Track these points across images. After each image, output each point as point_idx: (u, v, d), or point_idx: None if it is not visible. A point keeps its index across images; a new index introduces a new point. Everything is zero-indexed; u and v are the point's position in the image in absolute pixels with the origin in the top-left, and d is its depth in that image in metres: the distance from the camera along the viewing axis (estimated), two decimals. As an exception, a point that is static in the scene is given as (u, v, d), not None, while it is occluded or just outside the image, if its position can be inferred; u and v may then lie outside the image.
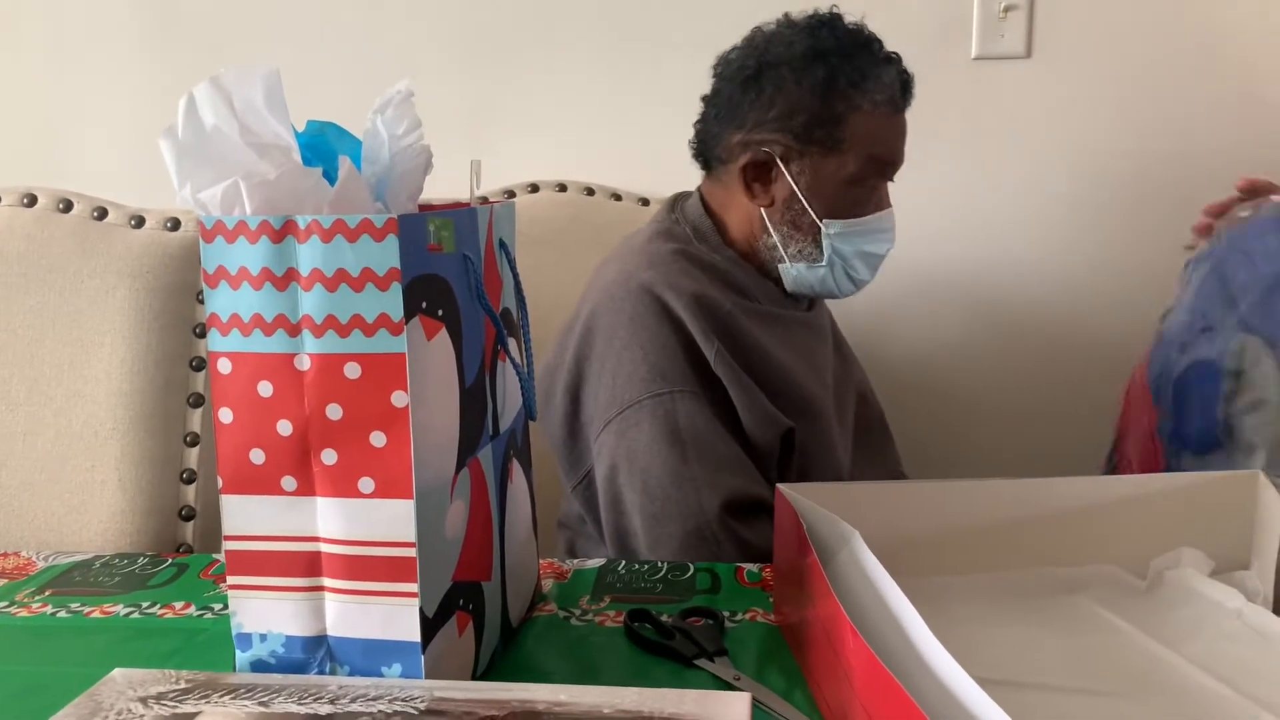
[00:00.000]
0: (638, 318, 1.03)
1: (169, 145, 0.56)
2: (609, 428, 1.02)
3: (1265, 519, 0.80)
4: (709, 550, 0.98)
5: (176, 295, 1.11)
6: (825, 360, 1.19)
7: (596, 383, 1.05)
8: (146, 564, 0.92)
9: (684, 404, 1.00)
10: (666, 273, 1.06)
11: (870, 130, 1.09)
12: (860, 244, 1.11)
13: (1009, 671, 0.67)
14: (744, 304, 1.08)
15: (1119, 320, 1.57)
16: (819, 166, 1.09)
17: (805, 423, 1.07)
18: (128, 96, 1.59)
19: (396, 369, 0.56)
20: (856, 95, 1.07)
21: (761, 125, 1.09)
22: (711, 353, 1.01)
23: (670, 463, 0.99)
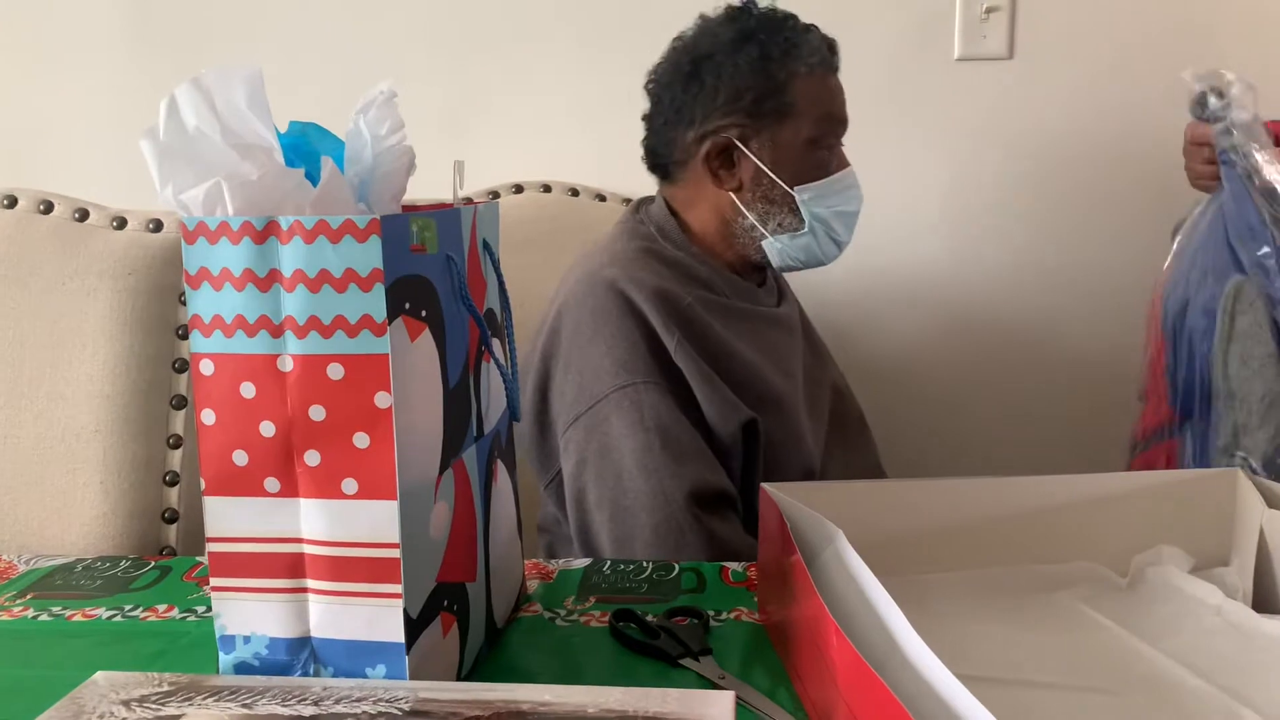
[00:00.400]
0: (601, 312, 1.04)
1: (150, 146, 0.56)
2: (577, 423, 1.04)
3: (1244, 516, 0.81)
4: (674, 541, 0.99)
5: (159, 297, 1.10)
6: (793, 355, 1.20)
7: (563, 380, 1.06)
8: (129, 567, 0.91)
9: (649, 395, 1.01)
10: (629, 268, 1.07)
11: (814, 91, 1.13)
12: (835, 204, 1.14)
13: (992, 669, 0.68)
14: (707, 297, 1.10)
15: (1100, 318, 1.58)
16: (777, 137, 1.12)
17: (769, 414, 1.08)
18: (109, 97, 1.58)
19: (380, 370, 0.56)
20: (792, 61, 1.12)
21: (711, 114, 1.12)
22: (672, 343, 1.03)
23: (637, 453, 1.00)
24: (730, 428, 1.04)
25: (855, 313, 1.55)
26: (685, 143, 1.15)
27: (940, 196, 1.56)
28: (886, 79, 1.47)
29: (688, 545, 0.99)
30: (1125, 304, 1.56)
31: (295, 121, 0.63)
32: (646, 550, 0.99)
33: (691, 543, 0.99)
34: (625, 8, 1.52)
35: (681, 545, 0.98)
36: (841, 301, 1.52)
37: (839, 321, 1.37)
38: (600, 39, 1.53)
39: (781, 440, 1.10)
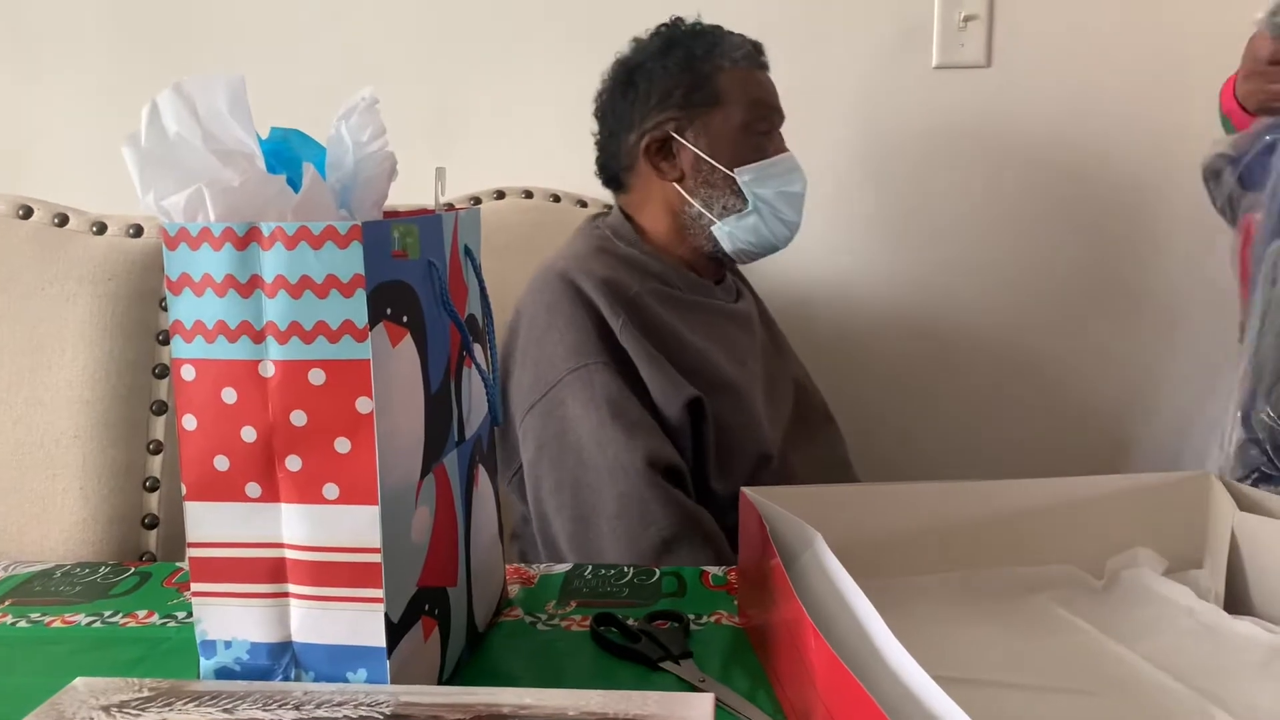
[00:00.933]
0: (554, 303, 1.08)
1: (132, 152, 0.56)
2: (534, 410, 1.06)
3: (1216, 519, 0.82)
4: (639, 511, 1.01)
5: (139, 302, 1.10)
6: (747, 348, 1.22)
7: (521, 372, 1.09)
8: (108, 573, 0.91)
9: (599, 374, 1.05)
10: (581, 261, 1.13)
11: (739, 81, 1.20)
12: (776, 185, 1.19)
13: (969, 670, 0.68)
14: (658, 289, 1.14)
15: (1076, 323, 1.59)
16: (709, 124, 1.19)
17: (720, 398, 1.10)
18: (89, 103, 1.57)
19: (361, 375, 0.56)
20: (716, 57, 1.20)
21: (648, 115, 1.20)
22: (618, 325, 1.07)
23: (593, 429, 1.03)
24: (675, 407, 1.06)
25: (831, 315, 1.56)
26: (628, 147, 1.23)
27: (917, 203, 1.57)
28: (865, 86, 1.48)
29: (651, 513, 1.01)
30: (1101, 308, 1.58)
31: (277, 128, 0.63)
32: (610, 524, 1.01)
33: (655, 510, 1.01)
34: (607, 14, 1.53)
35: (646, 514, 1.01)
36: (817, 305, 1.53)
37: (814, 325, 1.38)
38: (583, 45, 1.54)
39: (735, 424, 1.12)
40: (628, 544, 1.01)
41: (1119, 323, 1.59)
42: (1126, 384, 1.60)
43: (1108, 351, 1.60)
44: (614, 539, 1.01)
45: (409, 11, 1.54)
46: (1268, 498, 0.79)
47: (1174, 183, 1.53)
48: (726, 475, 1.11)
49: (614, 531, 1.01)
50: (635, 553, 1.00)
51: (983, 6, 1.50)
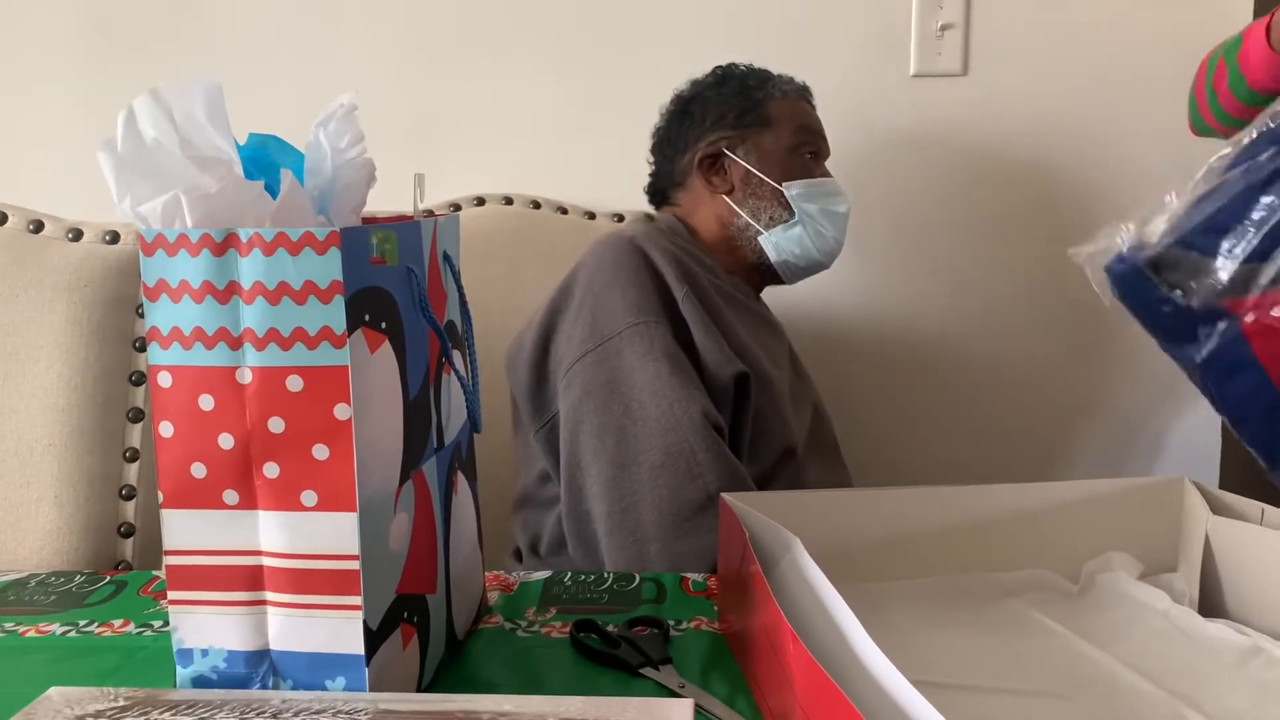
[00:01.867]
0: (619, 261, 1.11)
1: (108, 158, 0.56)
2: (586, 358, 1.07)
3: (1190, 523, 0.83)
4: (685, 465, 1.00)
5: (115, 309, 1.09)
6: (780, 357, 1.26)
7: (573, 324, 1.10)
8: (84, 582, 0.90)
9: (659, 332, 1.07)
10: (649, 235, 1.16)
11: (789, 108, 1.28)
12: (822, 203, 1.26)
13: (947, 674, 0.69)
14: (711, 279, 1.18)
15: (1057, 332, 1.60)
16: (760, 143, 1.26)
17: (758, 385, 1.12)
18: (65, 109, 1.56)
19: (339, 382, 0.56)
20: (767, 86, 1.28)
21: (702, 136, 1.28)
22: (680, 294, 1.10)
23: (649, 380, 1.04)
24: (725, 377, 1.08)
25: (807, 321, 1.56)
26: (681, 165, 1.30)
27: (894, 209, 1.58)
28: (843, 94, 1.49)
29: (700, 465, 1.00)
30: (1078, 314, 1.59)
31: (254, 134, 0.63)
32: (653, 473, 1.01)
33: (705, 463, 1.00)
34: (589, 21, 1.53)
35: (694, 466, 1.00)
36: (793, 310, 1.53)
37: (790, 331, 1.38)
38: (564, 52, 1.54)
39: (767, 412, 1.14)
40: (670, 494, 1.00)
41: (1096, 328, 1.60)
42: (1104, 389, 1.61)
43: (1084, 357, 1.61)
44: (654, 488, 1.00)
45: (389, 18, 1.54)
46: (1241, 502, 0.80)
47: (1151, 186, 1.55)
48: (754, 460, 1.12)
49: (655, 480, 1.00)
50: (676, 504, 1.00)
51: (959, 15, 1.51)
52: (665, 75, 1.32)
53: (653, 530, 0.99)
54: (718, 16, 1.52)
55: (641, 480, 1.01)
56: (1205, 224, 0.86)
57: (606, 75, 1.54)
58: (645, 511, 1.00)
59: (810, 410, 1.29)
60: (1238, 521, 0.79)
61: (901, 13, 1.52)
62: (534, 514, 1.18)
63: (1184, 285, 0.86)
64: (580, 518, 1.05)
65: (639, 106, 1.34)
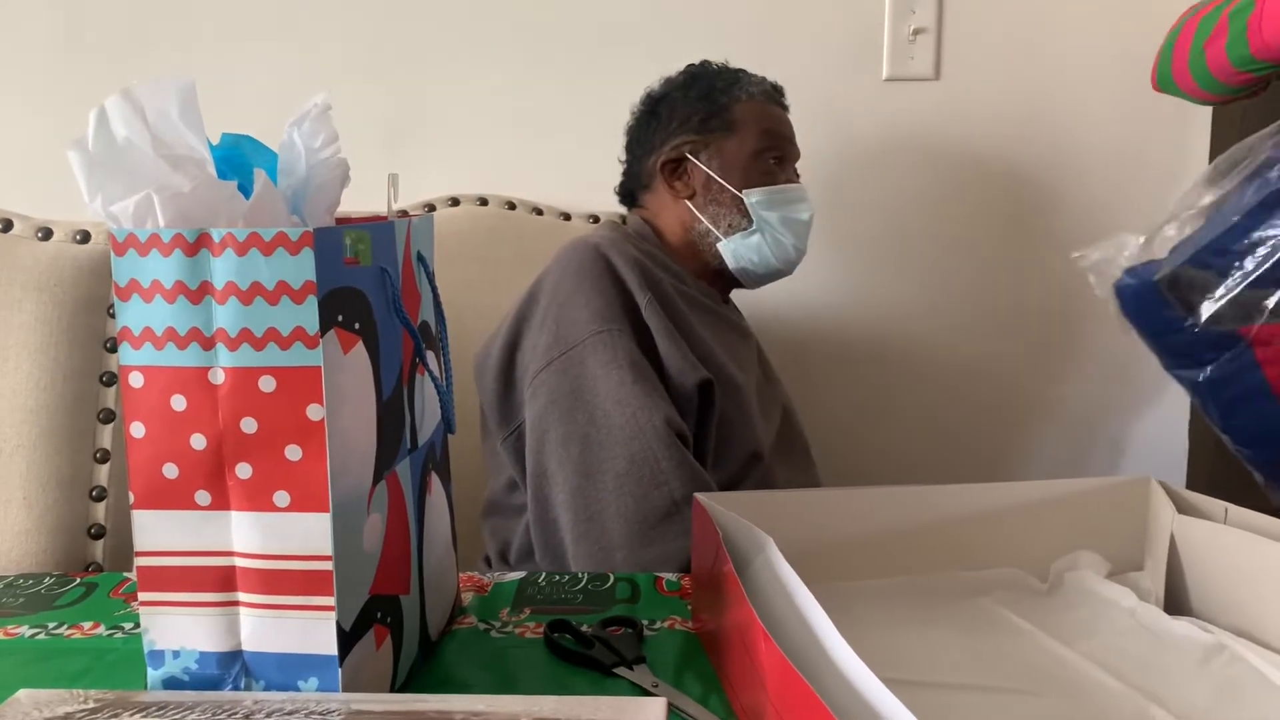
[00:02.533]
0: (584, 270, 1.11)
1: (79, 157, 0.56)
2: (550, 367, 1.07)
3: (1156, 522, 0.84)
4: (650, 472, 1.01)
5: (86, 309, 1.09)
6: (746, 360, 1.26)
7: (538, 333, 1.10)
8: (53, 584, 0.90)
9: (622, 340, 1.07)
10: (614, 241, 1.17)
11: (755, 112, 1.26)
12: (782, 210, 1.25)
13: (917, 672, 0.70)
14: (677, 285, 1.18)
15: (1027, 334, 1.62)
16: (723, 148, 1.25)
17: (723, 390, 1.13)
18: (35, 107, 1.54)
19: (312, 382, 0.56)
20: (734, 89, 1.27)
21: (667, 138, 1.28)
22: (644, 301, 1.10)
23: (612, 389, 1.04)
24: (689, 384, 1.09)
25: (778, 323, 1.57)
26: (647, 167, 1.30)
27: (867, 212, 1.59)
28: (817, 98, 1.50)
29: (664, 473, 1.01)
30: (1048, 315, 1.61)
31: (228, 134, 0.62)
32: (618, 481, 1.01)
33: (668, 470, 1.01)
34: (564, 21, 1.53)
35: (658, 473, 1.01)
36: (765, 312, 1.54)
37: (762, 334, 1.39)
38: (539, 52, 1.54)
39: (733, 416, 1.15)
40: (635, 503, 1.00)
41: (1068, 329, 1.62)
42: (1074, 390, 1.63)
43: (1054, 358, 1.63)
44: (619, 496, 1.01)
45: (364, 17, 1.53)
46: (1206, 501, 0.82)
47: (1120, 191, 1.57)
48: (720, 465, 1.13)
49: (620, 489, 1.01)
50: (641, 512, 1.00)
51: (932, 20, 1.53)
52: (640, 76, 1.32)
53: (618, 538, 1.00)
54: (692, 18, 1.52)
55: (607, 488, 1.01)
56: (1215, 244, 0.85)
57: (582, 75, 1.54)
58: (611, 520, 1.00)
59: (779, 413, 1.30)
60: (1203, 521, 0.81)
61: (874, 17, 1.53)
62: (502, 521, 1.18)
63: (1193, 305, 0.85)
64: (547, 526, 1.06)
65: (614, 107, 1.34)
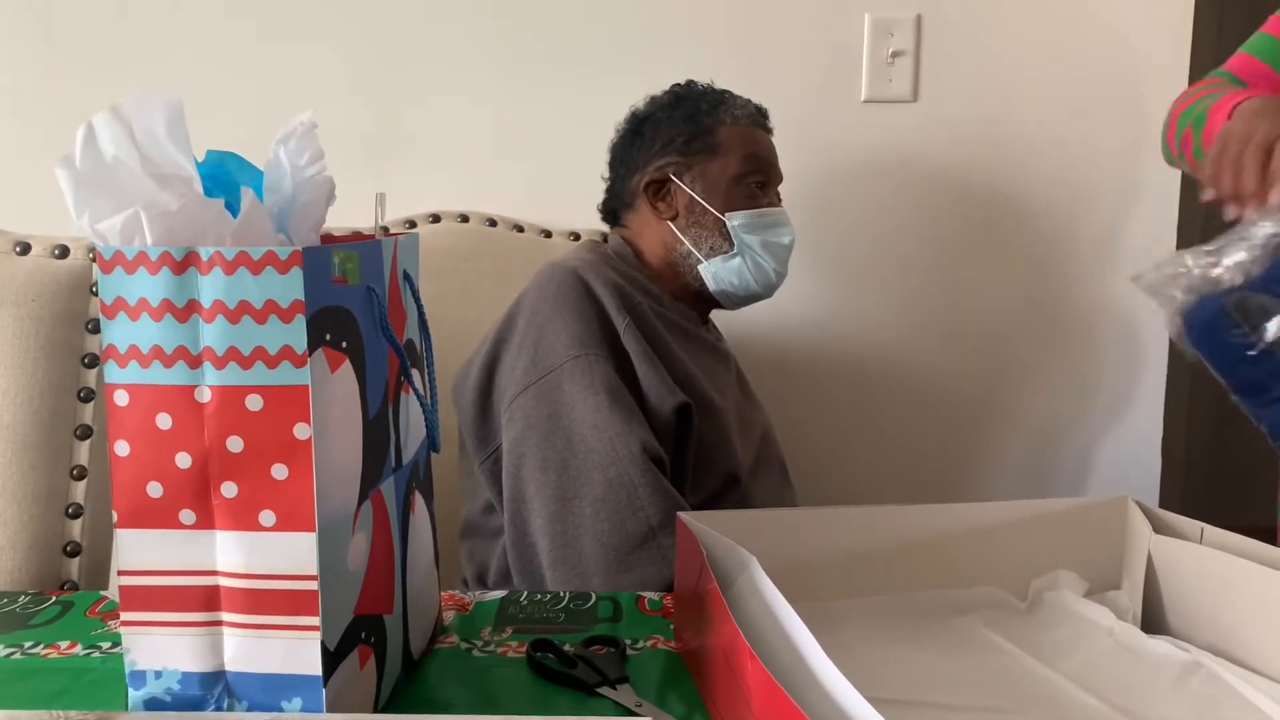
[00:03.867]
0: (562, 294, 1.11)
1: (66, 175, 0.55)
2: (527, 391, 1.07)
3: (1134, 542, 0.85)
4: (627, 498, 1.01)
5: (64, 324, 1.08)
6: (726, 383, 1.26)
7: (515, 356, 1.11)
8: (28, 602, 0.89)
9: (600, 365, 1.07)
10: (591, 265, 1.17)
11: (739, 135, 1.27)
12: (763, 234, 1.25)
13: (900, 691, 0.70)
14: (655, 308, 1.18)
15: (1007, 353, 1.63)
16: (706, 170, 1.26)
17: (701, 413, 1.13)
18: (13, 122, 1.53)
19: (299, 401, 0.56)
20: (719, 112, 1.27)
21: (651, 159, 1.28)
22: (622, 325, 1.10)
23: (589, 414, 1.04)
24: (666, 409, 1.09)
25: (759, 343, 1.58)
26: (631, 187, 1.30)
27: (846, 232, 1.60)
28: (795, 120, 1.51)
29: (640, 499, 1.01)
30: (1026, 332, 1.63)
31: (213, 151, 0.62)
32: (595, 507, 1.01)
33: (645, 496, 1.01)
34: (545, 40, 1.54)
35: (635, 499, 1.01)
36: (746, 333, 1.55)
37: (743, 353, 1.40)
38: (521, 69, 1.55)
39: (711, 440, 1.15)
40: (611, 528, 1.00)
41: (1043, 346, 1.63)
42: (1053, 410, 1.65)
43: (1032, 374, 1.65)
44: (596, 522, 1.01)
45: (346, 34, 1.53)
46: (1182, 521, 0.83)
47: (1091, 209, 1.59)
48: (698, 488, 1.13)
49: (597, 515, 1.01)
50: (618, 537, 1.00)
51: (910, 43, 1.54)
52: (622, 95, 1.33)
53: (595, 564, 1.00)
54: (672, 39, 1.53)
55: (583, 514, 1.02)
56: None
57: (564, 93, 1.55)
58: (587, 545, 1.01)
59: (759, 435, 1.30)
60: (1179, 540, 0.82)
61: (853, 40, 1.55)
62: (480, 544, 1.18)
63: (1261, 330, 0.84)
64: (525, 550, 1.06)
65: (595, 126, 1.35)
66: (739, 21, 1.54)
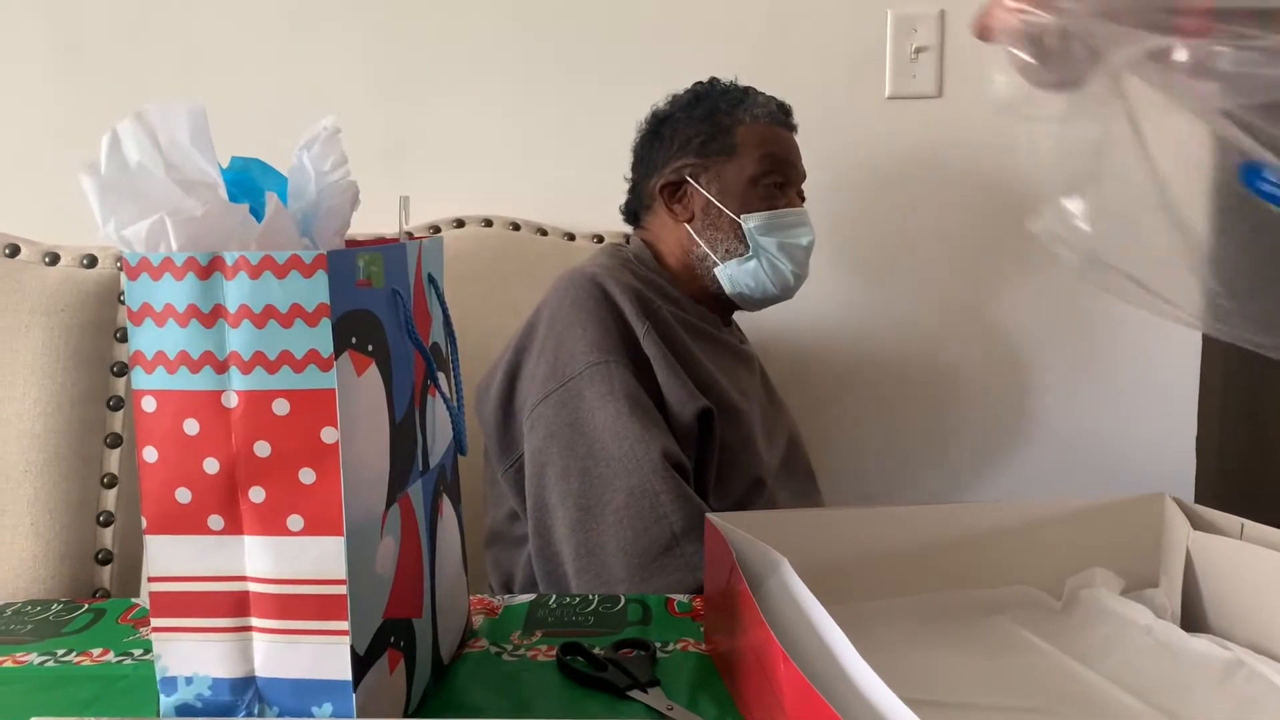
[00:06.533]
0: (579, 300, 1.11)
1: (92, 182, 0.56)
2: (548, 399, 1.07)
3: (1171, 539, 0.84)
4: (649, 505, 1.01)
5: (93, 333, 1.08)
6: (749, 385, 1.25)
7: (535, 364, 1.10)
8: (61, 610, 0.89)
9: (619, 372, 1.07)
10: (610, 270, 1.16)
11: (757, 135, 1.25)
12: (780, 235, 1.23)
13: (935, 692, 0.69)
14: (676, 312, 1.18)
15: (1031, 349, 1.62)
16: (723, 172, 1.24)
17: (724, 418, 1.12)
18: (40, 132, 1.55)
19: (326, 405, 0.56)
20: (737, 111, 1.26)
21: (669, 160, 1.27)
22: (641, 331, 1.10)
23: (609, 421, 1.04)
24: (688, 415, 1.08)
25: (784, 341, 1.57)
26: (650, 188, 1.29)
27: (870, 230, 1.59)
28: (819, 117, 1.50)
29: (663, 506, 1.01)
30: (1051, 332, 1.61)
31: (237, 157, 0.63)
32: (617, 515, 1.01)
33: (667, 503, 1.01)
34: (565, 41, 1.54)
35: (657, 506, 1.01)
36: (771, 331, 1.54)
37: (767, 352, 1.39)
38: (543, 72, 1.55)
39: (735, 444, 1.14)
40: (634, 536, 1.00)
41: (1072, 345, 1.61)
42: (1082, 406, 1.63)
43: (1062, 373, 1.63)
44: (618, 530, 1.00)
45: (368, 38, 1.54)
46: (1222, 517, 0.81)
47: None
48: (723, 492, 1.12)
49: (620, 523, 1.01)
50: (641, 545, 1.00)
51: (934, 39, 1.53)
52: (644, 96, 1.33)
53: (619, 572, 1.00)
54: (694, 38, 1.53)
55: (606, 522, 1.01)
56: None
57: (586, 95, 1.55)
58: (611, 554, 1.00)
59: (785, 439, 1.30)
60: (1218, 536, 0.80)
61: (876, 36, 1.54)
62: (505, 552, 1.18)
63: None
64: (549, 559, 1.06)
65: (618, 127, 1.35)
66: (761, 20, 1.54)
